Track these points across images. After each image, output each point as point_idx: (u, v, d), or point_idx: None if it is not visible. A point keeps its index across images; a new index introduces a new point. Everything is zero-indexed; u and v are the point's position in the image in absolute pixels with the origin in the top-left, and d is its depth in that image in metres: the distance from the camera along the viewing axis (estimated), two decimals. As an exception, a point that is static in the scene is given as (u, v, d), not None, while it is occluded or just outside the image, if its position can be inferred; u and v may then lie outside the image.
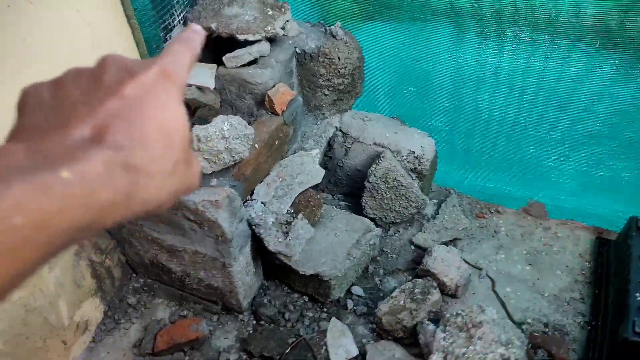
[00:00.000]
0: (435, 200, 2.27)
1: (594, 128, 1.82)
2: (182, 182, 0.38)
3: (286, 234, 1.72)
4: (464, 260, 2.02)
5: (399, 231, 2.17)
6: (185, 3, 1.91)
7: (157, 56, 0.40)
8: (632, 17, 1.50)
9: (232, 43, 1.87)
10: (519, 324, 1.82)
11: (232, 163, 1.65)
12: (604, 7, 1.51)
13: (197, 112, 1.90)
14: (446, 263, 1.88)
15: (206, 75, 1.85)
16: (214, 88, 1.88)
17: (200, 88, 1.86)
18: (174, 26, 1.87)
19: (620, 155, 1.85)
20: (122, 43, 1.71)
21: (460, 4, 1.69)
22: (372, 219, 2.17)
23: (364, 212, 2.15)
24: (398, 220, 2.15)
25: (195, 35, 0.43)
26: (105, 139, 0.32)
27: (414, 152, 2.02)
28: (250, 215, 1.74)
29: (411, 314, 1.75)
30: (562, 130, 1.89)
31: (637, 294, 1.59)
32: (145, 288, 2.02)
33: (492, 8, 1.66)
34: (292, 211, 1.83)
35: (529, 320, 1.81)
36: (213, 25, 1.84)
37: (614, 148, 1.84)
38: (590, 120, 1.80)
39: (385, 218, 2.15)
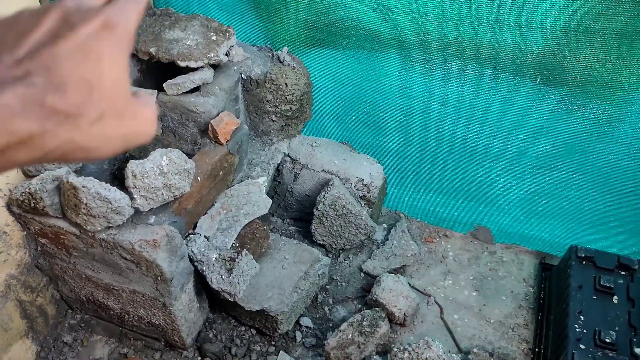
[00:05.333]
0: (385, 225, 2.26)
1: (536, 159, 1.85)
2: (120, 130, 0.41)
3: (230, 271, 1.66)
4: (412, 287, 2.03)
5: (348, 258, 2.15)
6: (123, 25, 1.80)
7: (105, 3, 0.42)
8: (570, 56, 1.53)
9: (173, 66, 1.79)
10: (465, 353, 1.84)
11: (172, 199, 1.58)
12: (543, 46, 1.54)
13: (136, 140, 1.81)
14: (394, 293, 1.88)
15: (145, 103, 1.76)
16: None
17: (139, 116, 1.76)
18: (111, 49, 1.76)
19: (560, 185, 1.89)
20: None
21: (406, 36, 1.68)
22: (322, 246, 2.14)
23: (314, 239, 2.12)
24: (348, 247, 2.13)
25: None
26: (25, 79, 0.36)
27: (363, 180, 2.00)
28: (192, 251, 1.67)
29: (359, 347, 1.73)
30: (506, 160, 1.92)
31: (576, 325, 1.63)
32: (82, 324, 1.91)
33: (437, 41, 1.65)
34: (237, 244, 1.77)
35: (475, 350, 1.82)
36: (152, 50, 1.75)
37: (555, 178, 1.88)
38: (533, 151, 1.83)
39: (335, 244, 2.12)
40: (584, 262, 1.82)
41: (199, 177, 1.68)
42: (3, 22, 0.40)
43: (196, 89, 1.78)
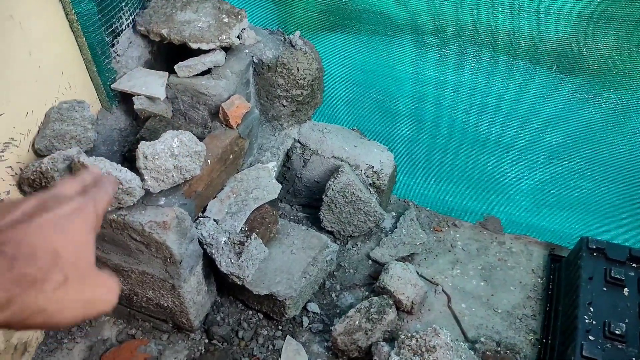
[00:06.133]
0: (393, 213, 2.25)
1: (549, 149, 1.83)
2: (82, 295, 0.44)
3: (239, 254, 1.66)
4: (420, 275, 2.02)
5: (357, 245, 2.15)
6: (135, 6, 1.79)
7: (79, 193, 0.51)
8: (588, 44, 1.50)
9: (184, 49, 1.78)
10: (472, 342, 1.83)
11: (182, 181, 1.57)
12: (561, 34, 1.51)
13: (147, 122, 1.80)
14: (402, 281, 1.87)
15: (156, 85, 1.76)
16: (166, 97, 1.79)
17: (150, 98, 1.76)
18: (122, 30, 1.75)
19: (573, 175, 1.87)
20: (63, 49, 1.59)
21: (421, 21, 1.65)
22: (330, 232, 2.14)
23: (322, 225, 2.11)
24: (356, 234, 2.13)
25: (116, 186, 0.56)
26: None
27: (373, 167, 1.99)
28: (202, 234, 1.67)
29: (366, 334, 1.73)
30: (519, 149, 1.90)
31: (586, 317, 1.62)
32: (90, 305, 1.92)
33: (453, 27, 1.63)
34: (247, 228, 1.76)
35: (482, 339, 1.82)
36: (164, 31, 1.74)
37: (567, 169, 1.86)
38: (546, 141, 1.81)
39: (344, 231, 2.12)
40: (594, 254, 1.80)
41: (209, 160, 1.68)
42: None
43: (207, 72, 1.77)
